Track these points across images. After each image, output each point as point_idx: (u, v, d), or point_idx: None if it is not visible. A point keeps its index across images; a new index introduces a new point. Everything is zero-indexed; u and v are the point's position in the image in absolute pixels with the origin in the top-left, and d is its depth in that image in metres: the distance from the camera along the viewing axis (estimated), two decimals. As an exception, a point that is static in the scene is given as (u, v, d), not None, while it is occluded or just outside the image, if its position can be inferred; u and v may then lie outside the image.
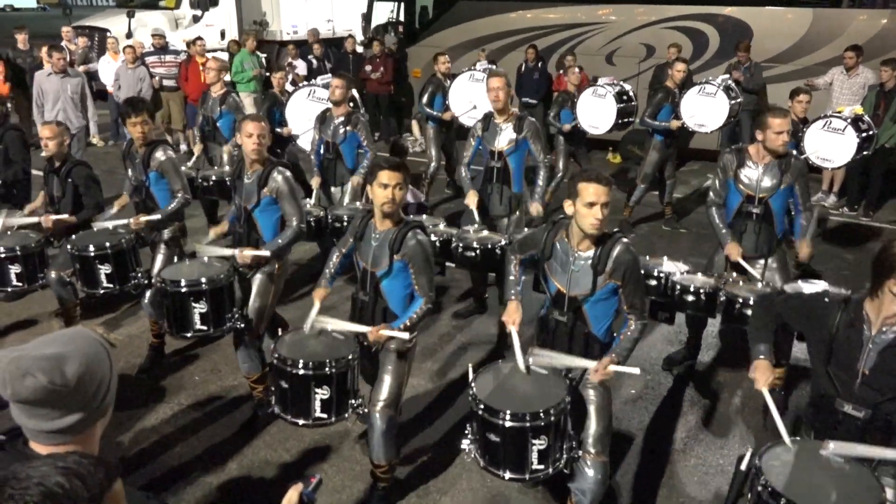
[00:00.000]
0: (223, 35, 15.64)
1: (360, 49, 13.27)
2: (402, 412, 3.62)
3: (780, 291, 3.84)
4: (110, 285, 4.56)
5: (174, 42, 12.71)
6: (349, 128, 5.86)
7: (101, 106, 11.51)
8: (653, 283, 4.37)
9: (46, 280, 4.91)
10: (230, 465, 3.96)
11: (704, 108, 7.21)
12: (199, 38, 11.22)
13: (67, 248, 4.61)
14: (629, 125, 8.14)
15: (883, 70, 7.78)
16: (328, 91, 6.08)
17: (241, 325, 4.10)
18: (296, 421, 3.33)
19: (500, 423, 2.81)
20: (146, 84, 10.21)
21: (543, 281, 3.27)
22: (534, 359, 3.08)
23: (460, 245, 4.72)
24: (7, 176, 5.76)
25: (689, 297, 4.17)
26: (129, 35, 13.74)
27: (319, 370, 3.22)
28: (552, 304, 3.24)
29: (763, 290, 4.06)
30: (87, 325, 1.51)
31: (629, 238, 3.17)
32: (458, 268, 5.15)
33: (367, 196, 3.42)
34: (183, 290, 3.91)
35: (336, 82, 5.83)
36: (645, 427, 4.37)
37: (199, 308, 3.94)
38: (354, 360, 3.35)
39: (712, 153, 10.17)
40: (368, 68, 11.62)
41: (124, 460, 3.91)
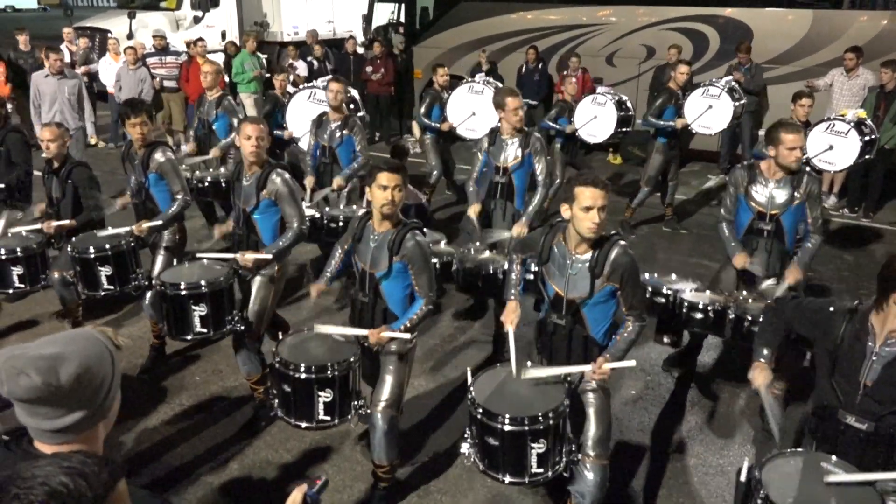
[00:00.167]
0: (224, 36, 15.65)
1: (360, 50, 13.28)
2: (404, 413, 3.62)
3: (795, 296, 3.79)
4: (111, 287, 4.56)
5: (175, 43, 12.72)
6: (345, 132, 5.81)
7: (101, 107, 11.53)
8: (660, 300, 4.30)
9: (49, 280, 4.92)
10: (231, 466, 3.97)
11: (708, 110, 7.20)
12: (200, 38, 11.24)
13: (68, 249, 4.62)
14: (626, 134, 8.17)
15: (883, 72, 7.78)
16: (328, 84, 5.99)
17: (240, 328, 4.10)
18: (299, 424, 3.35)
19: (499, 427, 2.81)
20: (147, 85, 10.20)
21: (541, 284, 3.27)
22: (527, 374, 3.07)
23: (461, 269, 4.65)
24: (10, 179, 5.76)
25: (698, 315, 4.08)
26: (131, 36, 13.76)
27: (322, 373, 3.24)
28: (550, 308, 3.24)
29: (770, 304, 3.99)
30: (96, 327, 1.51)
31: (627, 240, 3.16)
32: (459, 291, 5.09)
33: (367, 200, 3.42)
34: (182, 292, 3.91)
35: (335, 87, 5.77)
36: (645, 427, 4.38)
37: (199, 311, 3.93)
38: (356, 362, 3.37)
39: (712, 154, 10.19)
40: (369, 69, 11.64)
41: (126, 460, 3.92)
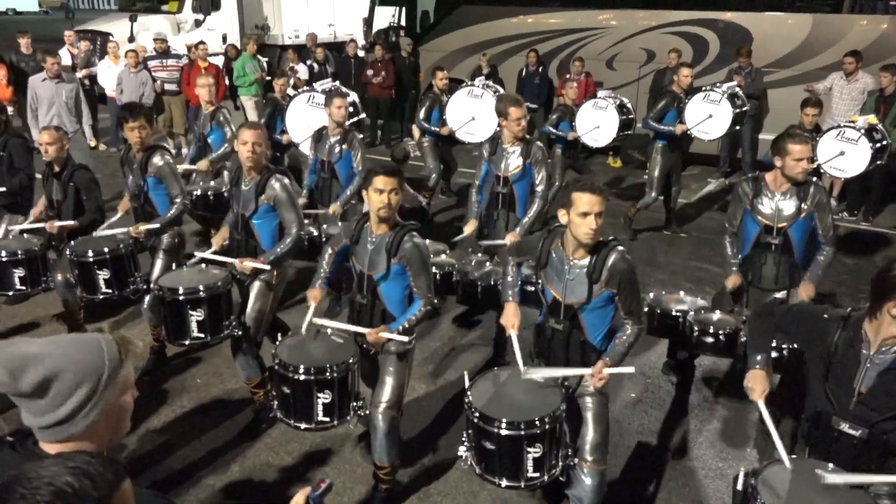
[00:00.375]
0: (225, 39, 15.70)
1: (361, 53, 13.31)
2: (404, 415, 3.63)
3: (782, 302, 3.80)
4: (109, 290, 4.57)
5: (176, 46, 12.74)
6: (345, 146, 5.66)
7: (101, 109, 11.54)
8: (669, 322, 4.29)
9: (52, 282, 4.93)
10: (232, 468, 3.98)
11: (708, 118, 7.16)
12: (201, 42, 11.26)
13: (66, 253, 4.63)
14: (627, 138, 8.17)
15: (882, 76, 7.79)
16: (328, 99, 5.78)
17: (238, 333, 4.09)
18: (298, 425, 3.35)
19: (496, 431, 2.82)
20: (148, 88, 10.22)
21: (539, 289, 3.28)
22: (527, 375, 3.08)
23: (462, 282, 4.62)
24: (13, 184, 5.77)
25: (709, 339, 4.07)
26: (132, 39, 13.80)
27: (321, 375, 3.25)
28: (548, 312, 3.25)
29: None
30: (111, 332, 1.50)
31: (624, 243, 3.15)
32: (459, 303, 5.08)
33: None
34: (180, 297, 3.91)
35: (340, 102, 5.59)
36: (644, 430, 4.39)
37: (196, 316, 3.93)
38: (355, 364, 3.37)
39: (712, 158, 10.20)
40: (370, 73, 11.66)
41: (127, 462, 3.93)
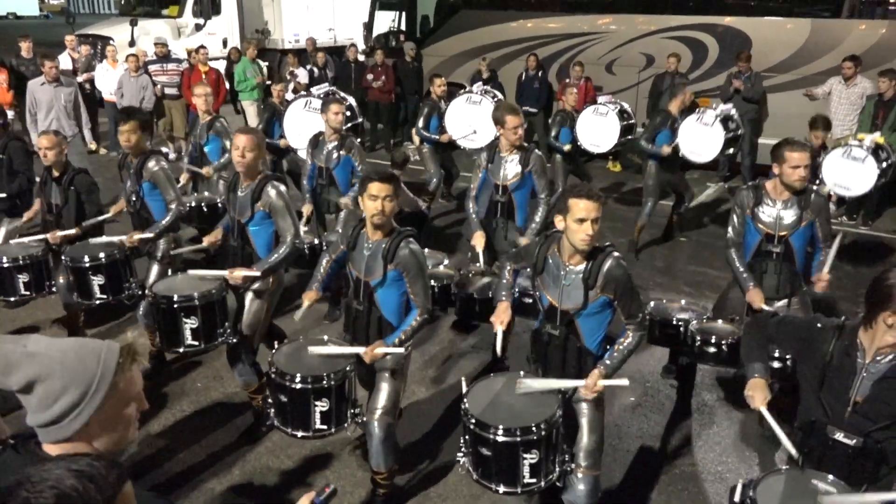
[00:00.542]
0: (225, 44, 15.73)
1: (361, 58, 13.34)
2: (404, 419, 3.64)
3: (773, 314, 3.77)
4: (104, 296, 4.58)
5: (177, 50, 12.77)
6: (342, 152, 5.61)
7: (101, 113, 11.54)
8: (671, 332, 4.25)
9: (56, 286, 4.94)
10: (233, 471, 3.98)
11: (700, 137, 6.97)
12: (201, 46, 11.30)
13: (63, 259, 4.63)
14: (628, 143, 8.18)
15: (881, 81, 7.81)
16: (324, 105, 5.72)
17: (233, 341, 4.09)
18: (295, 433, 3.37)
19: (492, 437, 2.83)
20: (149, 92, 10.24)
21: (536, 295, 3.29)
22: (520, 387, 3.08)
23: (459, 296, 4.52)
24: (12, 188, 5.77)
25: (711, 350, 3.99)
26: (132, 43, 13.82)
27: (317, 383, 3.25)
28: (545, 318, 3.25)
29: None
30: (126, 342, 1.50)
31: (626, 258, 3.15)
32: (458, 317, 5.03)
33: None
34: (175, 305, 3.90)
35: (336, 108, 5.53)
36: (644, 434, 4.39)
37: (191, 323, 3.92)
38: (351, 371, 3.38)
39: (711, 162, 10.18)
40: (370, 77, 11.68)
41: (127, 466, 3.93)
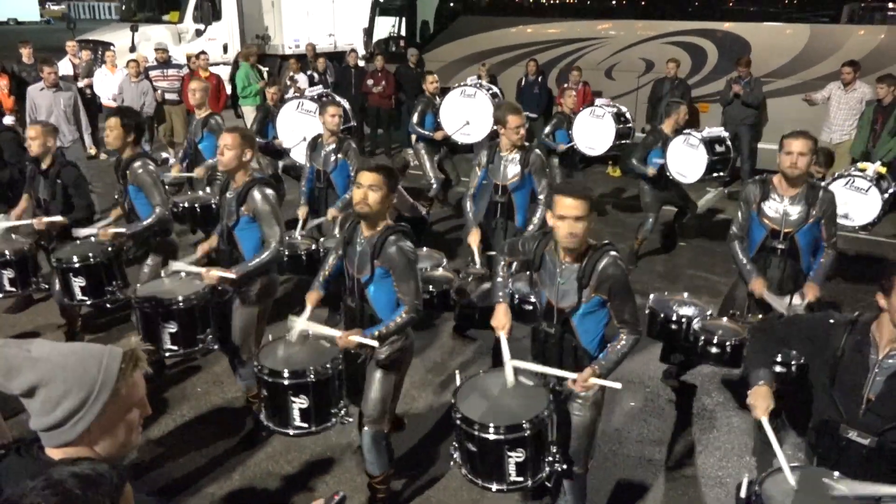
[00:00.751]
0: (226, 49, 15.76)
1: (361, 63, 13.37)
2: (405, 423, 3.63)
3: (780, 316, 3.69)
4: (84, 298, 4.53)
5: (177, 56, 12.80)
6: (340, 155, 5.58)
7: (101, 118, 11.57)
8: (673, 327, 4.18)
9: (50, 289, 4.93)
10: (233, 477, 3.98)
11: (686, 158, 6.81)
12: (202, 52, 11.31)
13: (51, 260, 4.60)
14: (625, 147, 8.10)
15: (879, 86, 7.83)
16: (321, 108, 5.75)
17: (214, 347, 4.04)
18: (278, 430, 3.33)
19: (476, 433, 2.81)
20: (149, 98, 10.25)
21: (535, 291, 3.26)
22: (514, 366, 3.05)
23: (459, 303, 4.47)
24: (2, 177, 5.74)
25: (714, 350, 3.90)
26: (133, 49, 13.83)
27: (296, 379, 3.19)
28: (542, 316, 3.21)
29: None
30: (129, 347, 1.50)
31: (625, 264, 3.09)
32: (457, 322, 5.00)
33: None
34: (149, 307, 3.83)
35: (333, 110, 5.54)
36: (644, 439, 4.39)
37: (170, 328, 3.84)
38: (335, 369, 3.27)
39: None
40: (370, 82, 11.72)
41: (127, 471, 3.93)
